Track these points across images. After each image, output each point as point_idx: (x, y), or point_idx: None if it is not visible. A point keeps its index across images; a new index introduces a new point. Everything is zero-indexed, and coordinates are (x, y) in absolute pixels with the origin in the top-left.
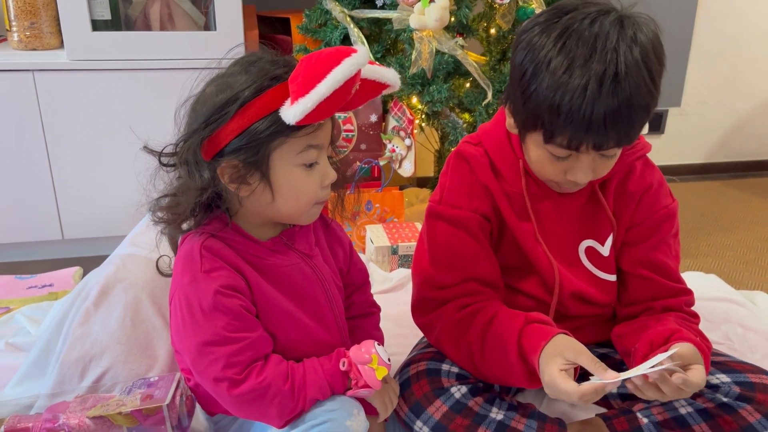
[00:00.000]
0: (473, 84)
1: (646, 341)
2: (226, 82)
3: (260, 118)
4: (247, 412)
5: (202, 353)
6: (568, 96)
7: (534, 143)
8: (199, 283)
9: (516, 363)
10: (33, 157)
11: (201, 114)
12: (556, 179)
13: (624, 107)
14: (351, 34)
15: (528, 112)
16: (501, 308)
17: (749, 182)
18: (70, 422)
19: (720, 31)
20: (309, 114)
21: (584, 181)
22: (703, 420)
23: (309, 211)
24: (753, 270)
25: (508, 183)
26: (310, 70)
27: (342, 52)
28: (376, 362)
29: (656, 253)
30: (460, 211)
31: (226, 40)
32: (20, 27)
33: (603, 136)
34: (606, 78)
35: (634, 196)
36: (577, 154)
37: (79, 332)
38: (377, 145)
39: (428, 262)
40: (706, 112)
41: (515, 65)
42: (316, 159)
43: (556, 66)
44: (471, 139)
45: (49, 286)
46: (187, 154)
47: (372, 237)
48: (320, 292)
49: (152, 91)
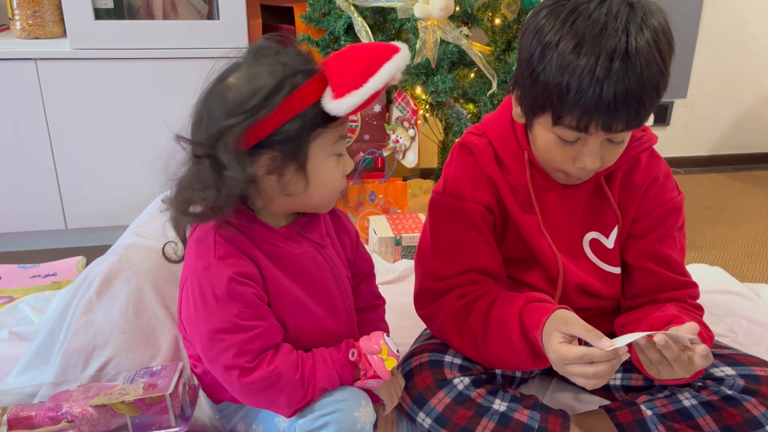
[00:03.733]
0: (478, 74)
1: (646, 326)
2: (257, 72)
3: (301, 110)
4: (257, 400)
5: (213, 340)
6: (577, 74)
7: (542, 127)
8: (212, 269)
9: (519, 342)
10: (36, 146)
11: (235, 104)
12: (564, 167)
13: (635, 86)
14: (355, 23)
15: (536, 93)
16: (501, 292)
17: (755, 175)
18: (73, 411)
19: (726, 24)
20: (358, 106)
21: (592, 168)
22: (707, 412)
23: (333, 200)
24: (758, 263)
25: (513, 175)
26: (359, 64)
27: (388, 47)
28: (385, 353)
29: (662, 246)
30: (463, 202)
31: (230, 29)
32: (23, 16)
33: (612, 115)
34: (616, 56)
35: (639, 188)
36: (586, 137)
37: (82, 322)
38: (381, 135)
39: (430, 252)
40: (711, 104)
41: (523, 48)
42: (342, 150)
43: (564, 45)
44: (475, 129)
45: (53, 275)
46: (226, 148)
47: (375, 228)
48: (332, 282)
49: (155, 80)
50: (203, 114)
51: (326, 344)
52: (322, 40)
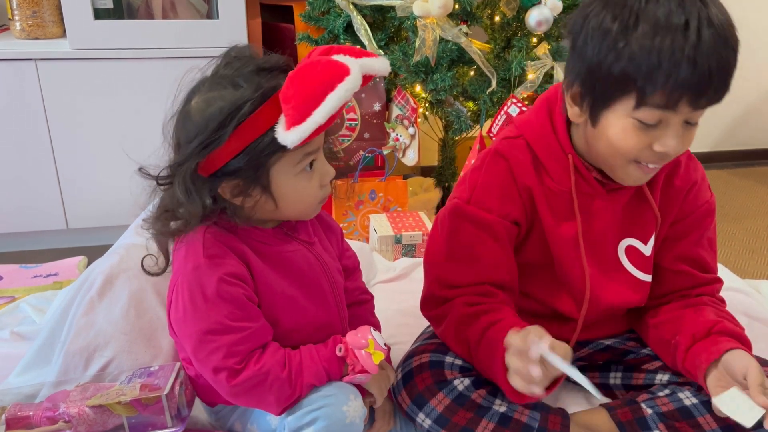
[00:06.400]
0: (477, 72)
1: (688, 334)
2: (214, 97)
3: (257, 137)
4: (246, 399)
5: (203, 341)
6: (666, 48)
7: (616, 116)
8: (202, 270)
9: (500, 371)
10: (36, 146)
11: (193, 133)
12: (640, 156)
13: (726, 55)
14: (354, 21)
15: (612, 80)
16: (508, 315)
17: (755, 171)
18: (70, 411)
19: None
20: (306, 138)
21: (676, 151)
22: (707, 411)
23: (314, 210)
24: (759, 259)
25: (555, 180)
26: (304, 93)
27: (335, 73)
28: (372, 347)
29: (697, 249)
30: (489, 215)
31: (229, 28)
32: (22, 16)
33: (704, 88)
34: (703, 26)
35: (681, 191)
36: (669, 118)
37: (83, 322)
38: (381, 133)
39: (444, 259)
40: None
41: (592, 32)
42: (316, 158)
43: (651, 11)
44: (509, 132)
45: (54, 275)
46: (184, 177)
47: (375, 226)
48: (324, 279)
49: (155, 79)
50: (180, 138)
51: (319, 340)
52: (321, 38)
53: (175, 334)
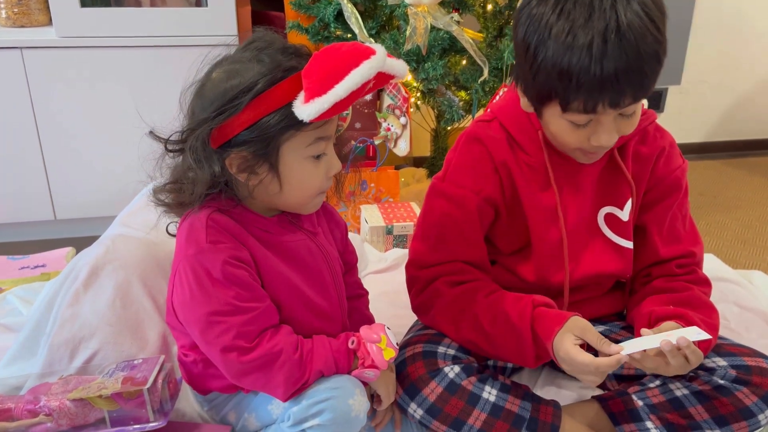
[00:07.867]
0: (469, 61)
1: (646, 320)
2: (236, 69)
3: (272, 111)
4: (254, 379)
5: (211, 323)
6: (575, 57)
7: (552, 116)
8: (206, 253)
9: (529, 348)
10: (23, 136)
11: (209, 101)
12: (582, 147)
13: (633, 59)
14: (345, 10)
15: (540, 84)
16: (497, 287)
17: (748, 161)
18: (50, 404)
19: (721, 10)
20: (323, 113)
21: (610, 144)
22: (699, 402)
23: (313, 201)
24: (751, 249)
25: (530, 154)
26: (326, 68)
27: (361, 51)
28: (384, 343)
29: (670, 213)
30: (461, 190)
31: (218, 16)
32: (8, 3)
33: (618, 92)
34: (609, 33)
35: (649, 158)
36: (597, 117)
37: (69, 314)
38: (372, 123)
39: (418, 239)
40: (706, 90)
41: (518, 41)
42: (324, 150)
43: (558, 31)
44: (484, 116)
45: (42, 266)
46: (195, 143)
47: (367, 217)
48: (325, 269)
49: (143, 68)
50: (195, 107)
51: (320, 328)
52: (311, 27)
53: (175, 319)
